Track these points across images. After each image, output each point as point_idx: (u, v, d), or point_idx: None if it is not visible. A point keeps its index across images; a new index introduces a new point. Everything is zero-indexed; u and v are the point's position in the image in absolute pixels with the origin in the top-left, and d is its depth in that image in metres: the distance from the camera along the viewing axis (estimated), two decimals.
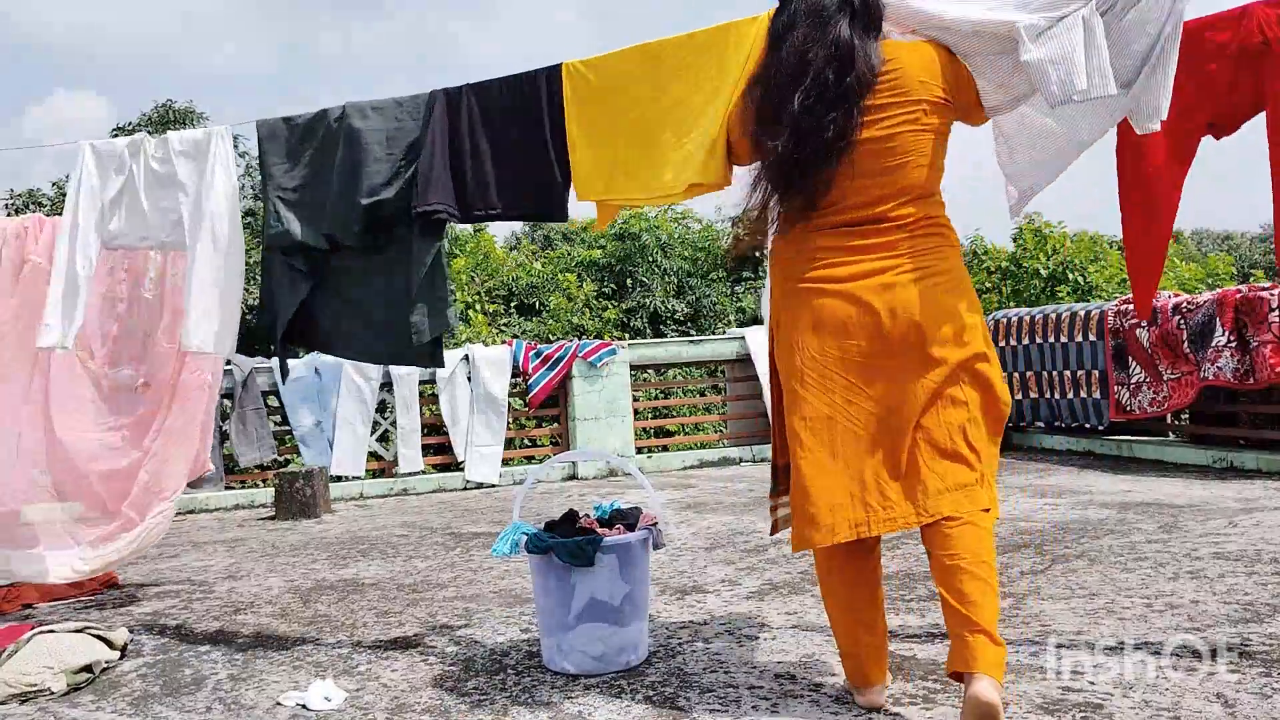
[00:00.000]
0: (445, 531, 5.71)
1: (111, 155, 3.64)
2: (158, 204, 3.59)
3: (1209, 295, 6.44)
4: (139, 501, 4.14)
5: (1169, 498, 5.35)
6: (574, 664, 2.86)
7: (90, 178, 3.61)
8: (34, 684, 2.93)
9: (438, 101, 3.21)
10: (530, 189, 3.16)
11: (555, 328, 13.58)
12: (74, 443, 4.16)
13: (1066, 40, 2.27)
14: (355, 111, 3.30)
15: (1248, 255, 25.44)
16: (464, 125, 3.19)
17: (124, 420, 4.23)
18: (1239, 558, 3.82)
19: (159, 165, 3.57)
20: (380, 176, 3.23)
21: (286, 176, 3.41)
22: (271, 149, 3.43)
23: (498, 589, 4.09)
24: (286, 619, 3.78)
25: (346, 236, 3.30)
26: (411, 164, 3.21)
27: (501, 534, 2.95)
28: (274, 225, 3.38)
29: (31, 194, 18.63)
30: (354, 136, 3.26)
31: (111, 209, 3.63)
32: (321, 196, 3.36)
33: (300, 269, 3.38)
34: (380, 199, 3.21)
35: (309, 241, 3.35)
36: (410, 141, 3.23)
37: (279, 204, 3.37)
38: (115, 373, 4.23)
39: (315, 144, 3.39)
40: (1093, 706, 2.38)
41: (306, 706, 2.71)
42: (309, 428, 7.63)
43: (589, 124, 3.03)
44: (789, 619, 3.34)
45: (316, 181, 3.38)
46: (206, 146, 3.55)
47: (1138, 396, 6.95)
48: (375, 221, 3.27)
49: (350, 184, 3.26)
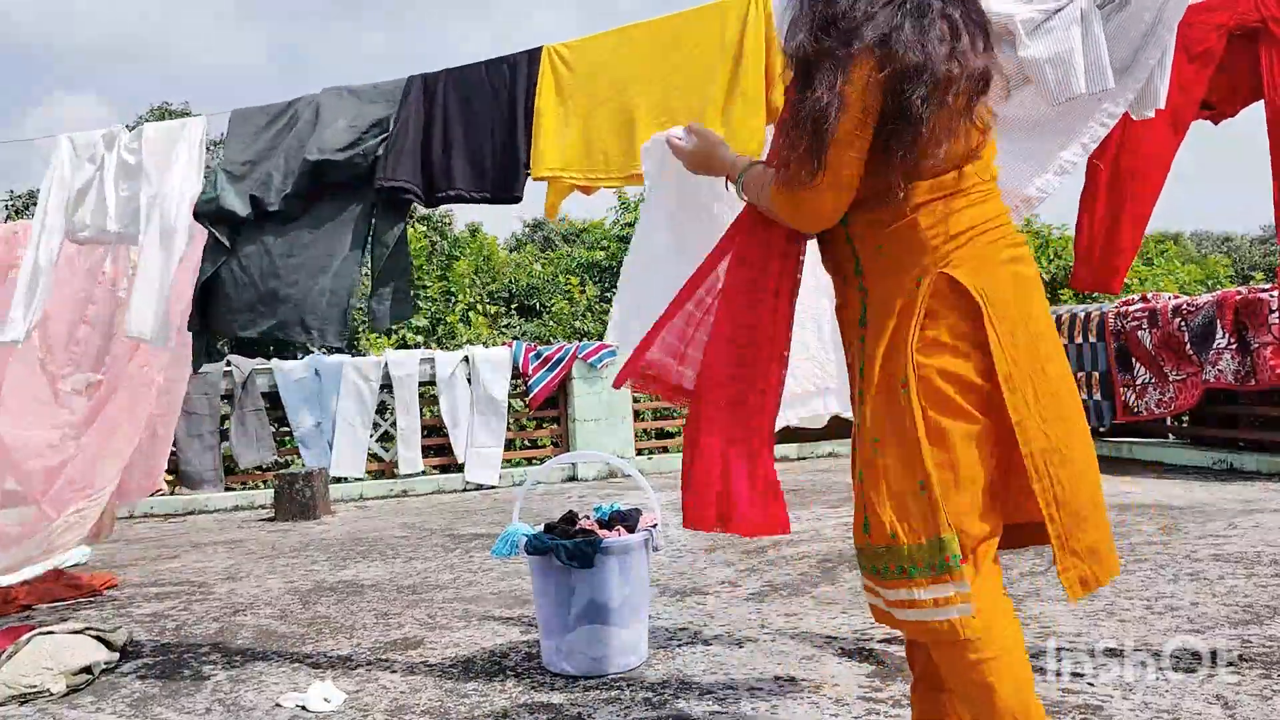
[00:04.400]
0: (445, 533, 5.71)
1: (86, 146, 3.53)
2: (120, 194, 3.47)
3: (1209, 297, 6.44)
4: (59, 498, 3.89)
5: (1169, 499, 5.35)
6: (574, 665, 2.86)
7: (62, 168, 3.52)
8: (33, 685, 2.93)
9: (414, 85, 3.15)
10: (494, 170, 3.08)
11: (556, 330, 13.57)
12: (18, 439, 3.95)
13: (1064, 36, 2.26)
14: (331, 92, 3.24)
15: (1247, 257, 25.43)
16: (439, 108, 3.12)
17: (72, 418, 4.06)
18: (1239, 559, 3.82)
19: (129, 155, 3.48)
20: (335, 141, 3.11)
21: (241, 152, 3.28)
22: (238, 131, 3.32)
23: (497, 590, 4.09)
24: (286, 620, 3.78)
25: (272, 198, 3.14)
26: (374, 137, 3.11)
27: (501, 535, 2.95)
28: (206, 193, 3.24)
29: (31, 195, 18.63)
30: (320, 110, 3.19)
31: (79, 199, 3.52)
32: (269, 166, 3.22)
33: (223, 241, 3.20)
34: (329, 159, 3.08)
35: (233, 208, 3.17)
36: (378, 118, 3.14)
37: (221, 175, 3.24)
38: (75, 376, 4.08)
39: (282, 123, 3.29)
40: (1093, 708, 2.38)
41: (306, 707, 2.71)
42: (309, 429, 7.63)
43: (564, 103, 2.98)
44: (789, 621, 3.34)
45: (269, 154, 3.25)
46: (177, 134, 3.46)
47: (1144, 398, 6.95)
48: (315, 186, 3.12)
49: (300, 147, 3.14)
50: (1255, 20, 2.75)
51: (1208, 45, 2.78)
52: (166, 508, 7.28)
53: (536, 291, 15.22)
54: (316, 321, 3.07)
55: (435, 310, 12.44)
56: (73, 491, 3.90)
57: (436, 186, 3.09)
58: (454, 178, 3.09)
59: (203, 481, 7.46)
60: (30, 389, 4.06)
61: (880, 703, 2.51)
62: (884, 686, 2.62)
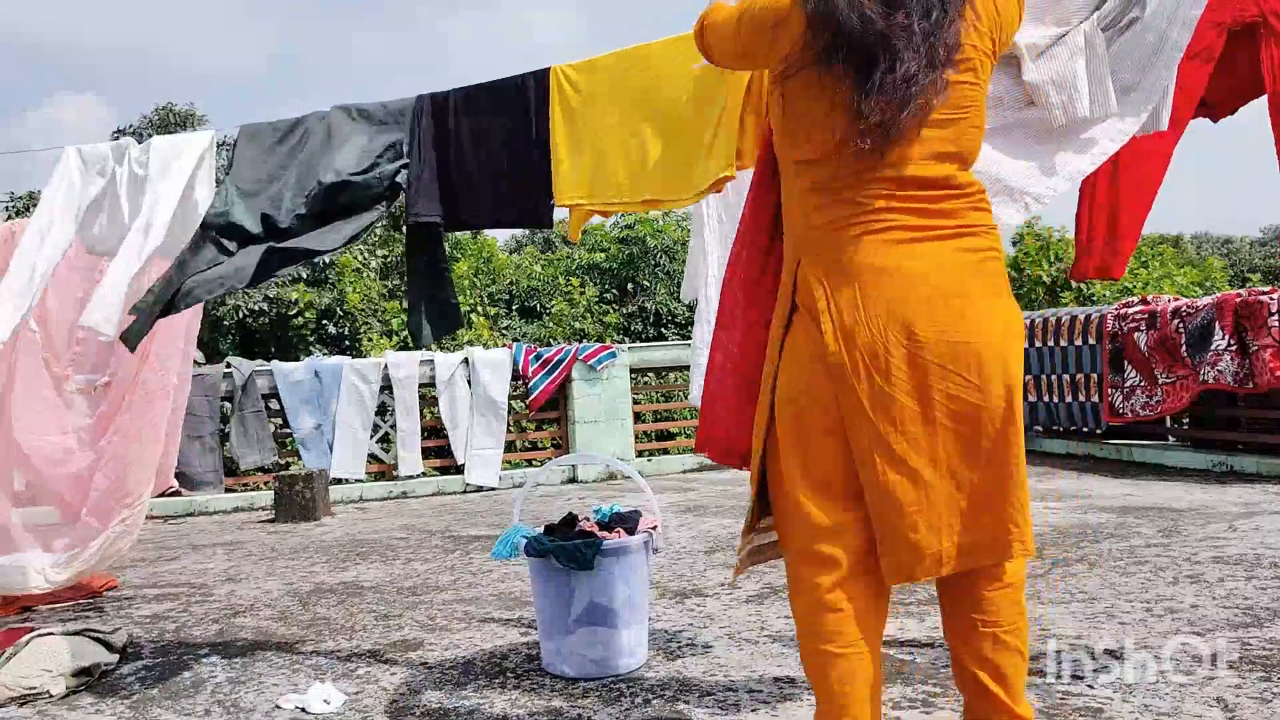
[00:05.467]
0: (445, 534, 5.71)
1: (95, 158, 3.56)
2: (137, 208, 3.47)
3: (1208, 299, 6.45)
4: (100, 507, 3.97)
5: (1169, 502, 5.35)
6: (573, 667, 2.86)
7: (70, 177, 3.54)
8: (33, 687, 2.93)
9: (424, 109, 3.16)
10: (517, 196, 3.11)
11: (556, 331, 13.58)
12: (35, 446, 4.00)
13: (1068, 61, 2.27)
14: (340, 112, 3.24)
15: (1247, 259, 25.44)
16: (450, 135, 3.13)
17: (82, 423, 4.09)
18: (1239, 562, 3.82)
19: (139, 169, 3.50)
20: (351, 164, 3.14)
21: (251, 169, 3.29)
22: (247, 148, 3.32)
23: (497, 592, 4.09)
24: (286, 622, 3.77)
25: (283, 217, 3.14)
26: (389, 161, 3.14)
27: (501, 537, 2.95)
28: (216, 207, 3.23)
29: (31, 196, 18.61)
30: (331, 130, 3.20)
31: (92, 212, 3.53)
32: (279, 186, 3.23)
33: (229, 249, 3.17)
34: (346, 180, 3.09)
35: (243, 223, 3.16)
36: (392, 141, 3.17)
37: (232, 190, 3.24)
38: (78, 377, 4.08)
39: (293, 141, 3.30)
40: (1093, 711, 2.38)
41: (305, 709, 2.71)
42: (309, 430, 7.63)
43: (575, 129, 2.99)
44: (789, 623, 3.33)
45: (280, 173, 3.27)
46: (183, 147, 3.48)
47: (1131, 400, 6.95)
48: (330, 207, 3.12)
49: (313, 167, 3.16)
50: (1254, 15, 2.75)
51: (1207, 43, 2.78)
52: (166, 509, 7.28)
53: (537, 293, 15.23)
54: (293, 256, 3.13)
55: None
56: (113, 501, 3.97)
57: (459, 215, 3.16)
58: (479, 208, 3.15)
59: (203, 483, 7.47)
60: (39, 391, 4.08)
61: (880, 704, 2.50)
62: (883, 688, 2.62)
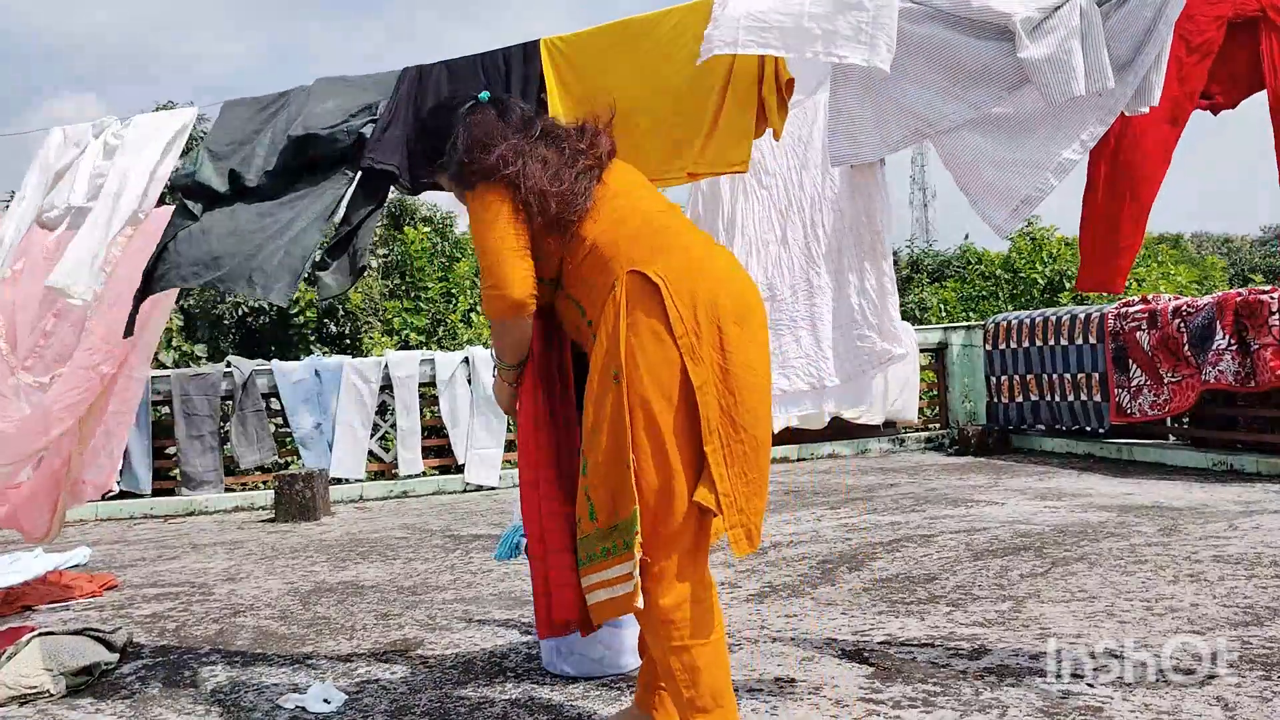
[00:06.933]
0: (445, 534, 5.71)
1: (75, 133, 3.51)
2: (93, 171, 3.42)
3: (1209, 298, 6.44)
4: None
5: (1169, 501, 5.35)
6: (574, 666, 2.86)
7: (47, 153, 3.49)
8: (33, 686, 2.93)
9: (408, 75, 3.12)
10: None
11: None
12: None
13: (1063, 36, 2.26)
14: (324, 80, 3.22)
15: (1247, 259, 25.42)
16: (430, 96, 3.06)
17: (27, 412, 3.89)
18: (1239, 561, 3.82)
19: (114, 140, 3.45)
20: (322, 119, 3.09)
21: (226, 133, 3.27)
22: (227, 116, 3.32)
23: (497, 591, 4.09)
24: (286, 621, 3.78)
25: (252, 175, 3.11)
26: (362, 119, 3.08)
27: (502, 537, 2.96)
28: (185, 168, 3.21)
29: None
30: (312, 94, 3.18)
31: (54, 181, 3.47)
32: (253, 145, 3.20)
33: (193, 211, 3.16)
34: (313, 134, 3.06)
35: (209, 182, 3.14)
36: (368, 102, 3.12)
37: (203, 153, 3.22)
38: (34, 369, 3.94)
39: (273, 110, 3.28)
40: (1093, 710, 2.38)
41: (306, 709, 2.71)
42: (309, 430, 7.62)
43: (567, 97, 2.96)
44: (788, 622, 3.34)
45: (254, 136, 3.23)
46: (164, 121, 3.45)
47: (1138, 399, 6.95)
48: (297, 162, 3.09)
49: (285, 126, 3.12)
50: (1254, 9, 2.75)
51: (1207, 36, 2.78)
52: (166, 509, 7.29)
53: None
54: (263, 278, 3.02)
55: (436, 311, 12.45)
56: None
57: (422, 177, 2.99)
58: None
59: (203, 482, 7.47)
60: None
61: (880, 704, 2.51)
62: (884, 688, 2.62)
